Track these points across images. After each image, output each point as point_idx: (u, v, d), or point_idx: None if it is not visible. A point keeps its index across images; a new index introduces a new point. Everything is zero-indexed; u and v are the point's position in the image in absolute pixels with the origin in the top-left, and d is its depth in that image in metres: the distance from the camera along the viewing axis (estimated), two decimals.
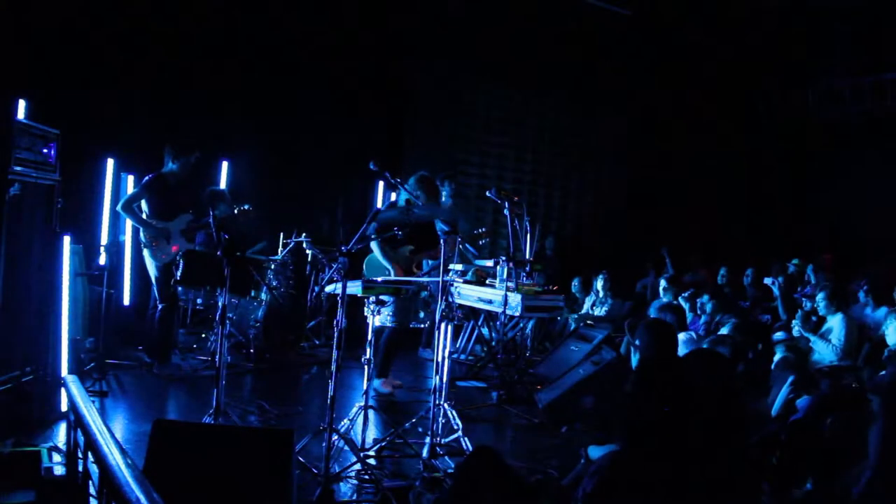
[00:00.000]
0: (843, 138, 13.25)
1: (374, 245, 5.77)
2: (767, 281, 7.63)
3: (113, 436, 2.64)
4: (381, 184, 9.13)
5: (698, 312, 7.27)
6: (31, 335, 4.48)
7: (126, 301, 6.98)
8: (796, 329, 6.01)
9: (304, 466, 3.87)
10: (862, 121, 12.42)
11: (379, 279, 4.99)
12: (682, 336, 5.22)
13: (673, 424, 2.16)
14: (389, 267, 5.78)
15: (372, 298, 4.58)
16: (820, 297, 6.12)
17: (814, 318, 6.11)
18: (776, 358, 5.23)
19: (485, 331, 7.27)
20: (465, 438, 4.61)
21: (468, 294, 6.70)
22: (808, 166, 14.30)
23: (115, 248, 6.37)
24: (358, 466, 4.05)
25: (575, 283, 9.78)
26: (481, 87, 10.77)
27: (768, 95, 13.56)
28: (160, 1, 7.91)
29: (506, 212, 6.28)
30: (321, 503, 3.62)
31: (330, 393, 3.83)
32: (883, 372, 4.87)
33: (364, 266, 6.00)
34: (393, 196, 5.97)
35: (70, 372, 4.62)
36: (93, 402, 3.47)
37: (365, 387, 4.41)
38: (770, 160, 14.03)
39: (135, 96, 7.52)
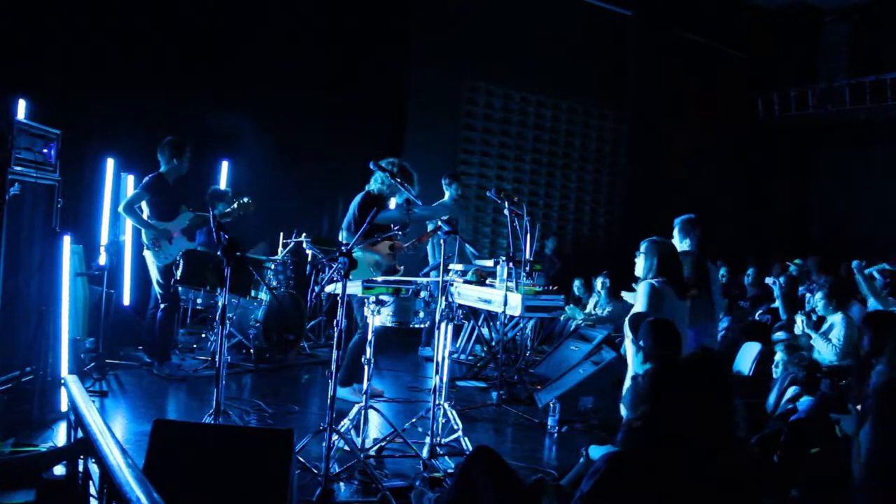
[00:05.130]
0: (843, 138, 13.26)
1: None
2: (768, 281, 7.64)
3: (113, 436, 2.64)
4: None
5: None
6: (31, 335, 4.47)
7: (126, 301, 6.98)
8: (799, 327, 6.01)
9: (304, 466, 3.87)
10: (862, 121, 12.43)
11: (379, 279, 4.99)
12: None
13: (672, 425, 2.16)
14: (377, 257, 5.68)
15: (372, 298, 4.58)
16: (819, 296, 6.13)
17: (814, 317, 6.11)
18: (777, 357, 5.23)
19: (485, 331, 7.27)
20: (465, 438, 4.61)
21: (468, 294, 6.70)
22: (808, 166, 14.32)
23: (115, 248, 6.37)
24: (358, 466, 4.05)
25: (577, 284, 9.79)
26: (481, 87, 10.78)
27: (768, 95, 13.56)
28: (160, 1, 7.92)
29: (506, 212, 6.28)
30: (321, 503, 3.62)
31: (330, 393, 3.83)
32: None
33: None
34: (372, 184, 5.84)
35: (70, 372, 4.62)
36: (93, 402, 3.47)
37: (365, 387, 4.41)
38: (770, 160, 14.05)
39: (135, 96, 7.52)
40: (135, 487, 2.09)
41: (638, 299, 4.69)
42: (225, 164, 8.48)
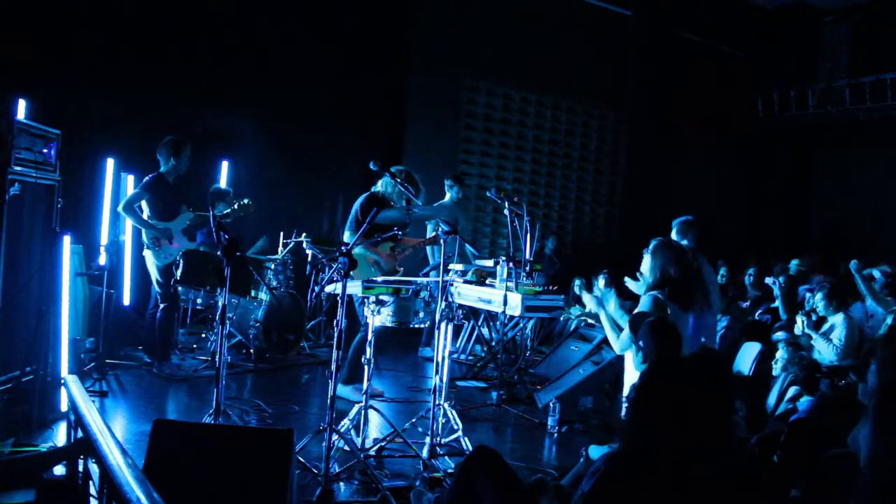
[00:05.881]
0: (843, 138, 13.27)
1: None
2: (768, 281, 7.63)
3: (113, 436, 2.65)
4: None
5: None
6: (31, 335, 4.48)
7: (126, 301, 6.98)
8: (799, 327, 6.01)
9: (304, 466, 3.87)
10: (862, 121, 12.43)
11: (379, 279, 4.99)
12: None
13: (672, 425, 2.16)
14: (377, 258, 5.69)
15: (372, 298, 4.58)
16: (819, 296, 6.13)
17: (814, 318, 6.12)
18: (778, 355, 5.22)
19: (485, 331, 7.27)
20: (465, 438, 4.61)
21: (468, 294, 6.69)
22: (808, 166, 14.33)
23: (115, 248, 6.37)
24: (358, 466, 4.05)
25: (577, 284, 9.77)
26: (481, 87, 10.78)
27: (768, 95, 13.57)
28: (161, 1, 7.92)
29: (506, 212, 6.28)
30: (321, 503, 3.62)
31: (330, 393, 3.83)
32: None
33: None
34: (378, 186, 5.82)
35: (70, 372, 4.62)
36: (93, 402, 3.47)
37: (365, 387, 4.41)
38: (770, 160, 14.06)
39: (135, 96, 7.53)
40: (135, 487, 2.09)
41: (640, 308, 4.63)
42: (225, 164, 8.47)
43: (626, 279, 6.10)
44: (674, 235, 5.67)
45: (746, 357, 6.04)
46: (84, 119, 6.97)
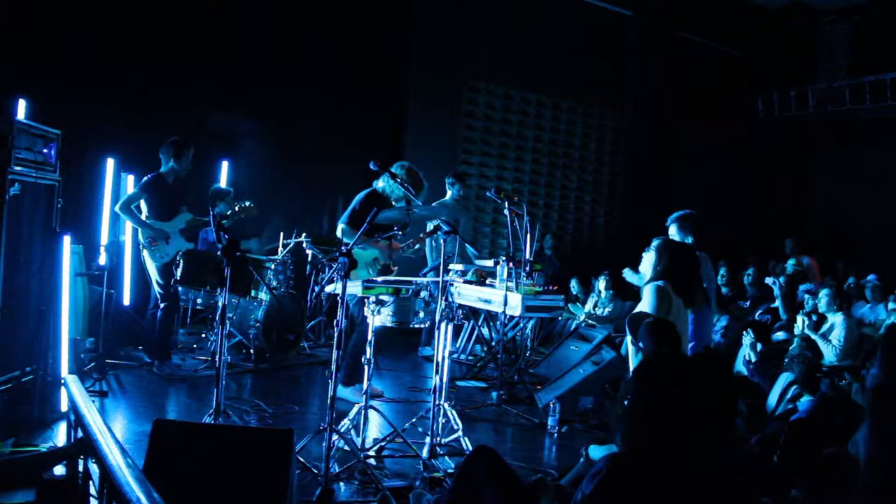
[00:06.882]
0: (843, 138, 13.26)
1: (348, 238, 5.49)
2: (768, 281, 7.64)
3: (113, 436, 2.65)
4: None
5: None
6: (31, 335, 4.48)
7: (126, 301, 6.98)
8: (799, 328, 6.01)
9: (304, 466, 3.87)
10: (862, 121, 12.43)
11: (379, 279, 4.99)
12: None
13: (673, 425, 2.16)
14: (375, 250, 5.65)
15: (372, 298, 4.58)
16: (823, 293, 6.14)
17: (814, 317, 6.12)
18: (791, 347, 5.22)
19: (485, 331, 7.27)
20: (465, 438, 4.61)
21: (468, 294, 6.69)
22: (808, 166, 14.32)
23: (115, 248, 6.37)
24: (358, 466, 4.05)
25: (573, 284, 9.78)
26: (481, 86, 10.78)
27: (768, 95, 13.56)
28: (160, 1, 7.92)
29: (506, 212, 6.28)
30: (321, 503, 3.62)
31: (330, 393, 3.83)
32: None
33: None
34: (380, 183, 5.80)
35: (70, 372, 4.62)
36: (93, 402, 3.47)
37: (365, 387, 4.41)
38: (770, 160, 14.05)
39: (135, 96, 7.53)
40: (135, 487, 2.09)
41: (644, 300, 4.61)
42: (225, 164, 8.48)
43: (625, 271, 6.07)
44: (674, 232, 5.61)
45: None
46: (84, 119, 6.97)
